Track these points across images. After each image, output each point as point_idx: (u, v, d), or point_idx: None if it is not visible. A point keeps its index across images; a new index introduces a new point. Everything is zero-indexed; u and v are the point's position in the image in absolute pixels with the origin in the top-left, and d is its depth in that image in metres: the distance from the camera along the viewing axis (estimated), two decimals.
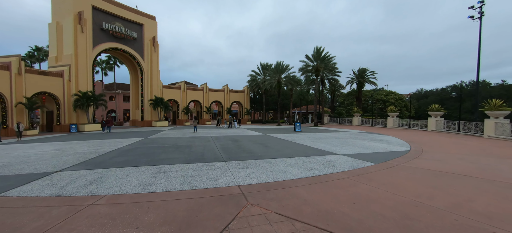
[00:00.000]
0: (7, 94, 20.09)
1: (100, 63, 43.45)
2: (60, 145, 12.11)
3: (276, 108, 55.69)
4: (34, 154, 9.33)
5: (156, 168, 6.61)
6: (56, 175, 5.85)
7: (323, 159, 8.11)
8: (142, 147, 11.25)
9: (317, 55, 32.93)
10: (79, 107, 24.80)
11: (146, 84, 33.64)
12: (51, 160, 7.95)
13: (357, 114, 36.95)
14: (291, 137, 16.39)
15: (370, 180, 5.41)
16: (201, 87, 42.79)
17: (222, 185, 4.98)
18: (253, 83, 43.89)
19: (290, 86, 36.68)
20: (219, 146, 11.37)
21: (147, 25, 33.46)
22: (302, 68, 34.35)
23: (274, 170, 6.40)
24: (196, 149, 10.53)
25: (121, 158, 8.28)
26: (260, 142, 13.10)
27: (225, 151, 9.91)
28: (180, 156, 8.57)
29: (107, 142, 13.52)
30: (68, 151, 9.95)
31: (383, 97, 50.78)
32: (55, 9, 26.19)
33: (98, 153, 9.42)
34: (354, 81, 42.87)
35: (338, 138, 15.37)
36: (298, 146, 11.48)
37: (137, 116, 34.50)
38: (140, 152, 9.53)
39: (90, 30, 26.64)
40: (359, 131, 22.57)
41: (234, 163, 7.36)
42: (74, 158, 8.30)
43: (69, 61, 25.11)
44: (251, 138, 15.83)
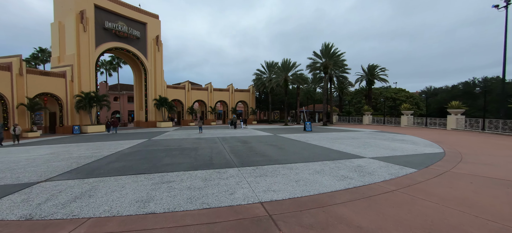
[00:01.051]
0: (8, 96, 19.50)
1: (104, 64, 42.97)
2: (57, 148, 11.25)
3: (283, 107, 54.47)
4: (26, 158, 8.43)
5: (157, 176, 5.57)
6: (38, 186, 4.86)
7: (351, 163, 6.94)
8: (143, 150, 10.28)
9: (326, 51, 31.60)
10: (82, 108, 24.13)
11: (150, 84, 32.91)
12: (41, 166, 7.01)
13: (368, 113, 35.45)
14: (303, 137, 15.22)
15: (427, 193, 4.24)
16: (205, 87, 41.92)
17: (240, 202, 3.89)
18: (258, 82, 42.76)
19: (298, 84, 35.40)
20: (228, 148, 10.30)
21: (150, 24, 32.73)
22: (310, 66, 33.06)
23: (299, 179, 5.28)
24: (203, 152, 9.48)
25: (119, 163, 7.29)
26: (272, 143, 11.98)
27: (236, 154, 8.83)
28: (186, 161, 7.53)
29: (108, 144, 12.61)
30: (63, 155, 9.03)
31: (393, 95, 49.05)
32: (57, 8, 25.63)
33: (94, 157, 8.46)
34: (364, 78, 41.29)
35: (355, 138, 14.14)
36: (316, 148, 10.32)
37: (141, 117, 33.81)
38: (141, 156, 8.54)
39: (93, 30, 25.98)
40: (374, 130, 21.21)
41: (248, 169, 6.27)
42: (66, 163, 7.34)
43: (71, 61, 24.48)
44: (261, 138, 14.72)
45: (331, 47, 31.66)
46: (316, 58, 32.77)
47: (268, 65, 41.98)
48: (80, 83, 24.85)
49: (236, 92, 44.64)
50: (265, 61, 41.83)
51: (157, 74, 33.48)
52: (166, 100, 32.62)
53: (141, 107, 33.87)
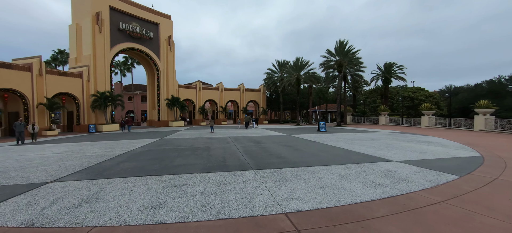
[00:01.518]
0: (29, 95, 20.21)
1: (119, 65, 44.14)
2: (72, 147, 11.30)
3: (294, 107, 53.53)
4: (40, 157, 8.42)
5: (169, 178, 5.20)
6: (46, 187, 4.62)
7: (379, 167, 6.25)
8: (155, 149, 10.05)
9: (340, 49, 30.46)
10: (97, 108, 24.69)
11: (162, 84, 33.26)
12: (53, 165, 6.88)
13: (385, 113, 33.87)
14: (318, 137, 14.50)
15: (484, 207, 3.54)
16: (216, 87, 41.90)
17: (261, 212, 3.39)
18: (269, 82, 42.17)
19: (310, 83, 34.45)
20: (241, 149, 9.86)
21: (163, 24, 33.07)
22: (323, 64, 32.04)
23: (324, 184, 4.70)
24: (216, 152, 9.09)
25: (130, 163, 7.03)
26: (286, 144, 11.40)
27: (250, 155, 8.36)
28: (198, 162, 7.14)
29: (120, 143, 12.57)
30: (76, 154, 8.96)
31: (411, 94, 46.79)
32: (75, 10, 26.39)
33: (106, 156, 8.29)
34: (380, 77, 39.55)
35: (375, 139, 13.24)
36: (334, 149, 9.63)
37: (154, 116, 34.26)
38: (152, 156, 8.27)
39: (108, 31, 26.53)
40: (393, 131, 20.03)
41: (265, 172, 5.76)
42: (78, 162, 7.19)
43: (87, 62, 25.11)
44: (274, 139, 14.18)
45: (345, 44, 30.49)
46: (330, 56, 31.72)
47: (279, 65, 41.28)
48: (96, 83, 25.44)
49: (247, 92, 44.29)
50: (276, 60, 41.17)
51: (169, 74, 33.79)
52: (178, 100, 32.83)
53: (154, 107, 34.33)
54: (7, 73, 18.85)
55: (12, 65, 19.48)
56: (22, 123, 13.88)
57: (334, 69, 33.56)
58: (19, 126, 13.59)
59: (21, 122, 14.02)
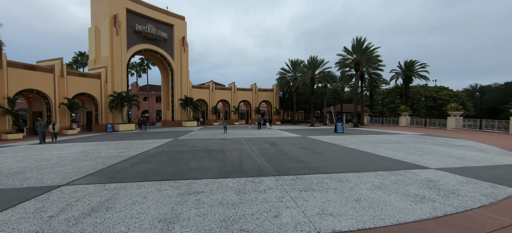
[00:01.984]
0: (51, 95, 21.03)
1: (135, 66, 45.39)
2: (89, 147, 11.39)
3: (308, 107, 52.31)
4: (57, 157, 8.44)
5: (183, 184, 4.82)
6: (57, 192, 4.40)
7: (416, 176, 5.50)
8: (170, 150, 9.83)
9: (358, 47, 29.14)
10: (114, 108, 25.31)
11: (176, 84, 33.64)
12: (68, 165, 6.78)
13: (405, 114, 32.00)
14: (337, 139, 13.69)
15: None
16: (229, 87, 41.82)
17: (291, 231, 2.86)
18: (282, 81, 41.43)
19: (325, 83, 33.30)
20: (257, 151, 9.37)
21: (177, 25, 33.43)
22: (339, 62, 30.82)
23: (358, 197, 4.09)
24: (231, 154, 8.67)
25: (144, 165, 6.77)
26: (305, 146, 10.77)
27: (267, 158, 7.85)
28: (213, 165, 6.74)
29: (135, 143, 12.55)
30: (92, 154, 8.92)
31: (433, 94, 44.06)
32: (94, 14, 27.27)
33: (121, 157, 8.13)
34: (400, 76, 37.55)
35: (400, 142, 12.24)
36: (358, 153, 8.88)
37: (168, 116, 34.74)
38: (166, 157, 8.00)
39: (124, 33, 27.14)
40: (417, 133, 18.67)
41: (287, 179, 5.23)
42: (93, 163, 7.05)
43: (105, 63, 25.83)
44: (290, 140, 13.57)
45: (363, 41, 29.12)
46: (346, 55, 30.44)
47: (292, 64, 40.42)
48: (113, 84, 26.10)
49: (259, 92, 43.84)
50: (290, 60, 40.38)
51: (183, 74, 34.11)
52: (191, 100, 33.03)
53: (168, 107, 34.81)
54: (31, 75, 19.71)
55: (36, 67, 20.36)
56: (42, 122, 14.09)
57: (350, 68, 32.22)
58: (40, 125, 13.85)
59: (42, 121, 14.26)
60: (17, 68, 18.89)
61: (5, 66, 17.97)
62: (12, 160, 7.88)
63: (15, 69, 18.74)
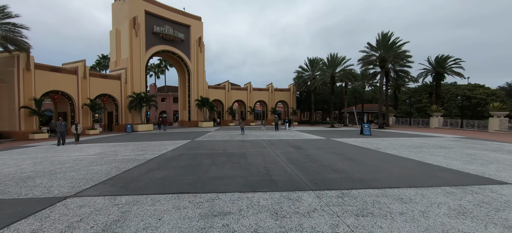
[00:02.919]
0: (75, 96, 21.63)
1: (153, 68, 46.43)
2: (106, 148, 11.12)
3: (326, 107, 50.31)
4: (74, 159, 8.08)
5: (206, 200, 3.99)
6: (61, 205, 3.77)
7: (500, 195, 4.22)
8: (187, 153, 9.17)
9: (383, 42, 27.04)
10: (133, 108, 25.63)
11: (192, 84, 33.63)
12: (82, 170, 6.29)
13: (437, 114, 29.19)
14: (367, 142, 12.29)
15: None
16: (245, 87, 41.19)
17: None
18: (299, 81, 40.00)
19: (347, 81, 31.37)
20: (282, 156, 8.39)
21: (193, 26, 33.43)
22: (363, 59, 28.83)
23: (443, 228, 2.97)
24: (254, 159, 7.78)
25: (160, 171, 6.08)
26: (334, 151, 9.60)
27: (297, 165, 6.85)
28: (237, 173, 5.89)
29: (152, 145, 12.13)
30: (108, 156, 8.50)
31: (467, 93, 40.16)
32: (115, 17, 27.91)
33: (137, 161, 7.57)
34: (429, 73, 34.52)
35: (445, 147, 10.61)
36: (402, 160, 7.57)
37: (185, 116, 34.84)
38: (184, 162, 7.30)
39: (143, 34, 27.47)
40: (457, 136, 16.57)
41: (331, 195, 4.21)
42: (107, 168, 6.51)
43: (125, 64, 26.28)
44: (314, 143, 12.41)
45: (389, 36, 26.96)
46: (370, 51, 28.41)
47: (311, 62, 38.88)
48: (132, 85, 26.49)
49: (276, 92, 42.74)
50: (308, 58, 38.93)
51: (199, 74, 34.03)
52: (207, 100, 32.80)
53: (185, 107, 34.92)
54: (56, 77, 20.36)
55: (61, 69, 21.02)
56: (62, 123, 13.28)
57: (374, 66, 30.08)
58: (60, 126, 13.10)
59: (61, 122, 13.42)
60: (43, 70, 19.58)
61: (33, 69, 18.64)
62: (29, 162, 7.63)
63: (42, 71, 19.43)
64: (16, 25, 16.46)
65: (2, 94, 18.35)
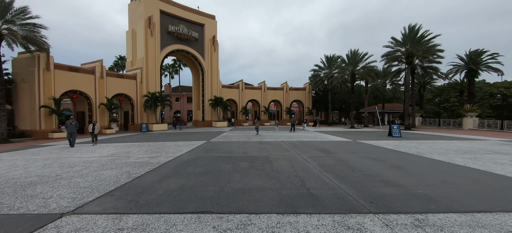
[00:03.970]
0: (92, 96, 21.77)
1: (168, 68, 46.75)
2: (120, 148, 10.58)
3: (343, 107, 48.13)
4: (84, 162, 7.50)
5: (235, 226, 3.02)
6: (52, 228, 2.94)
7: None
8: (204, 156, 8.31)
9: (410, 36, 24.88)
10: (148, 108, 25.54)
11: (206, 84, 33.20)
12: (90, 175, 5.59)
13: (472, 114, 26.46)
14: (404, 146, 10.80)
15: None
16: (259, 86, 40.20)
17: None
18: (316, 79, 38.35)
19: (369, 79, 29.37)
20: (312, 161, 7.29)
21: (207, 25, 32.99)
22: (387, 55, 26.78)
23: None
24: (281, 165, 6.74)
25: (175, 179, 5.22)
26: (370, 156, 8.32)
27: (334, 174, 5.72)
28: (266, 184, 4.88)
29: (167, 146, 11.46)
30: (120, 159, 7.84)
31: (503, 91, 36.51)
32: (131, 17, 28.04)
33: (150, 165, 6.81)
34: (460, 69, 31.57)
35: (499, 153, 8.95)
36: (462, 170, 6.18)
37: (199, 116, 34.52)
38: (202, 168, 6.42)
39: (158, 34, 27.36)
40: (505, 140, 14.48)
41: (404, 222, 3.07)
42: (117, 174, 5.77)
43: (141, 64, 26.27)
44: (341, 146, 11.13)
45: (418, 29, 24.76)
46: (395, 46, 26.31)
47: (328, 60, 37.11)
48: (147, 84, 26.43)
49: (290, 91, 41.36)
50: (325, 55, 37.15)
51: (213, 74, 33.55)
52: (221, 100, 32.21)
53: (199, 107, 34.60)
54: (75, 76, 20.54)
55: (79, 69, 21.22)
56: (73, 122, 11.72)
57: (399, 62, 27.89)
58: (70, 126, 11.52)
59: (72, 121, 11.83)
60: (62, 70, 19.79)
61: (52, 68, 18.86)
62: (39, 164, 7.12)
63: (61, 71, 19.64)
64: (36, 25, 16.62)
65: (24, 94, 18.73)
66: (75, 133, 11.71)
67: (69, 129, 11.59)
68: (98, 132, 12.43)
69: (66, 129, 11.68)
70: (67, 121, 11.83)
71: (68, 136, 11.58)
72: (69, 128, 11.61)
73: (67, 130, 11.62)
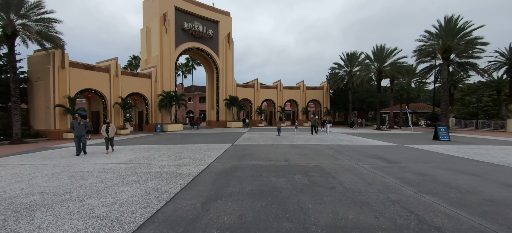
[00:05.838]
0: (107, 95, 20.95)
1: (181, 67, 46.06)
2: (138, 153, 9.29)
3: (364, 107, 45.67)
4: (99, 170, 6.19)
5: None
6: None
7: None
8: (241, 165, 6.81)
9: (448, 28, 22.39)
10: (163, 107, 24.55)
11: (221, 83, 31.94)
12: (107, 194, 4.20)
13: None
14: (471, 152, 8.82)
15: None
16: (274, 85, 38.54)
17: None
18: (336, 77, 36.23)
19: (399, 76, 26.94)
20: (388, 176, 5.59)
21: (222, 22, 31.75)
22: (419, 50, 24.32)
23: None
24: (349, 181, 5.11)
25: (224, 205, 3.73)
26: (450, 167, 6.50)
27: (443, 197, 4.02)
28: (364, 217, 3.28)
29: (190, 149, 10.08)
30: (141, 167, 6.48)
31: None
32: (145, 14, 27.22)
33: (180, 177, 5.37)
34: (502, 65, 28.50)
35: None
36: None
37: (213, 116, 33.33)
38: (250, 184, 4.90)
39: (173, 31, 26.36)
40: None
41: None
42: (142, 192, 4.35)
43: (155, 62, 25.35)
44: (393, 151, 9.30)
45: (456, 21, 22.24)
46: (429, 40, 23.85)
47: (348, 57, 34.94)
48: (162, 83, 25.46)
49: (307, 91, 39.47)
50: (345, 52, 35.00)
51: (228, 72, 32.26)
52: (236, 99, 30.84)
53: (213, 107, 33.42)
54: (90, 75, 19.76)
55: (94, 67, 20.45)
56: (81, 122, 9.05)
57: (432, 57, 25.37)
58: (77, 127, 8.84)
59: (79, 120, 9.09)
60: (77, 68, 19.04)
61: (67, 66, 18.11)
62: (46, 173, 5.88)
63: (76, 69, 18.89)
64: (51, 20, 15.84)
65: (39, 93, 18.09)
66: (84, 136, 8.98)
67: (76, 131, 8.81)
68: (113, 134, 9.47)
69: (73, 131, 8.90)
70: (73, 121, 9.02)
71: (76, 141, 8.74)
72: (76, 130, 8.82)
73: (73, 132, 8.87)
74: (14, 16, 14.85)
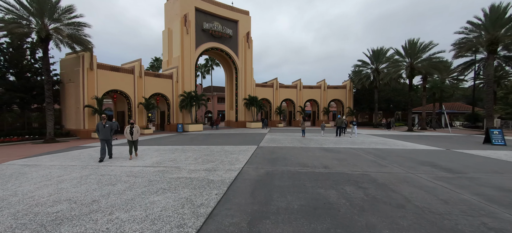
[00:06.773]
0: (132, 95, 21.44)
1: (200, 68, 46.61)
2: (164, 155, 8.98)
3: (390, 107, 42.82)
4: (127, 175, 5.84)
5: None
6: None
7: None
8: (276, 171, 6.11)
9: (493, 18, 19.83)
10: (184, 108, 24.69)
11: (240, 83, 31.55)
12: (136, 206, 3.74)
13: None
14: None
15: None
16: (294, 85, 37.37)
17: None
18: (360, 75, 34.22)
19: (435, 73, 24.49)
20: (460, 190, 4.56)
21: (241, 21, 31.34)
22: (459, 44, 21.89)
23: None
24: (416, 197, 4.18)
25: (275, 227, 3.05)
26: None
27: None
28: None
29: (215, 151, 9.61)
30: (169, 172, 6.05)
31: None
32: (167, 16, 27.66)
33: (214, 185, 4.80)
34: None
35: None
36: None
37: (232, 116, 33.07)
38: (297, 199, 4.18)
39: (193, 32, 26.44)
40: None
41: None
42: (174, 202, 3.83)
43: (177, 63, 25.59)
44: (444, 157, 8.01)
45: (505, 9, 19.64)
46: (470, 31, 21.36)
47: (375, 53, 32.83)
48: (183, 84, 25.64)
49: (328, 90, 37.76)
50: (371, 48, 32.93)
51: (247, 72, 31.79)
52: (256, 99, 30.24)
53: (232, 107, 33.16)
54: (116, 76, 20.32)
55: (119, 69, 21.00)
56: (106, 124, 8.01)
57: (475, 51, 22.79)
58: (103, 130, 7.84)
59: (105, 122, 8.07)
60: (105, 70, 19.64)
61: (95, 68, 18.73)
62: (74, 176, 5.65)
63: (103, 71, 19.49)
64: (81, 24, 16.41)
65: (70, 94, 18.92)
66: (110, 140, 8.06)
67: (101, 134, 7.85)
68: (138, 136, 8.26)
69: (98, 133, 7.92)
70: (98, 123, 7.99)
71: (102, 144, 7.81)
72: (101, 133, 7.85)
73: (98, 135, 7.93)
74: (47, 20, 15.55)
